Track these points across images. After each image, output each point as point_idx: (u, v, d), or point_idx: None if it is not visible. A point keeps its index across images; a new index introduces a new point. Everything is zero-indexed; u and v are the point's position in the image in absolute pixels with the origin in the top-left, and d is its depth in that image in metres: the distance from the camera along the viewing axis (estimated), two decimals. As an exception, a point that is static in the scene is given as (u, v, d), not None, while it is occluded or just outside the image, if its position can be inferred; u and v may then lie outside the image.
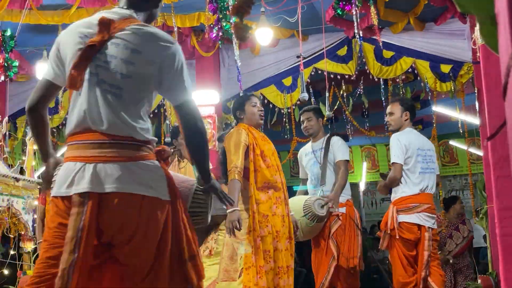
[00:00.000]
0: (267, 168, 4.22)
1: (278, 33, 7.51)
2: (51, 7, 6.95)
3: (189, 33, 7.76)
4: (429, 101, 9.14)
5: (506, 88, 0.87)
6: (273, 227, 4.12)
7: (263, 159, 4.24)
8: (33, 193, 5.35)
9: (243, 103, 4.42)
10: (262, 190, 4.17)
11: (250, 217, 4.08)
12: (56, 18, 7.01)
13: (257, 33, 6.58)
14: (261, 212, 4.11)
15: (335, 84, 8.71)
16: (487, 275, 6.03)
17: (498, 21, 0.89)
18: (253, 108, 4.40)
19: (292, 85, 8.23)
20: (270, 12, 6.73)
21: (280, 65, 8.25)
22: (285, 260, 4.15)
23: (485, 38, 0.97)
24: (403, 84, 8.85)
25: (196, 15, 7.26)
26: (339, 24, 7.07)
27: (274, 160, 4.33)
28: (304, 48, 7.46)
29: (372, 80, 8.11)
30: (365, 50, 7.82)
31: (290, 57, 8.09)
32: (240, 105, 4.44)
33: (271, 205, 4.16)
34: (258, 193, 4.16)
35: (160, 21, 7.37)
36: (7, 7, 6.50)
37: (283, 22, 7.02)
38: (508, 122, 0.88)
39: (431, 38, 7.54)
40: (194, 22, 7.28)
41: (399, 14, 7.21)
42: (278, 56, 8.17)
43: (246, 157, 4.21)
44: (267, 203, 4.15)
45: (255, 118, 4.40)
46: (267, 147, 4.35)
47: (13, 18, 6.92)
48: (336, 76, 8.12)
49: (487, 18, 0.92)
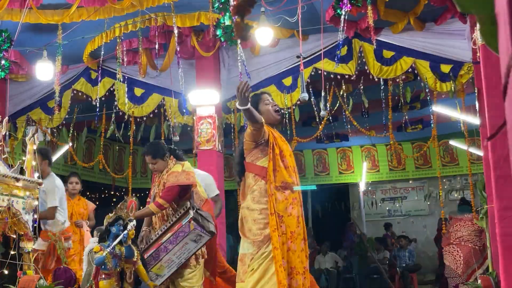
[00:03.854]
0: (285, 169, 4.22)
1: (278, 33, 7.51)
2: (51, 6, 6.95)
3: (189, 33, 7.75)
4: (429, 101, 9.14)
5: (506, 88, 0.87)
6: (287, 227, 4.11)
7: (281, 159, 4.24)
8: (33, 193, 5.34)
9: (257, 103, 4.36)
10: (279, 190, 4.16)
11: (273, 216, 4.06)
12: (56, 17, 7.00)
13: (257, 33, 6.59)
14: (276, 212, 4.10)
15: (335, 84, 8.71)
16: (487, 275, 6.02)
17: (498, 21, 0.88)
18: (267, 106, 4.39)
19: (292, 85, 8.23)
20: (270, 12, 6.73)
21: (280, 65, 8.24)
22: (300, 261, 4.13)
23: (485, 38, 0.96)
24: (403, 84, 8.85)
25: (196, 15, 7.26)
26: (339, 24, 7.07)
27: (291, 161, 4.32)
28: (304, 48, 7.46)
29: (372, 80, 8.11)
30: (365, 50, 7.81)
31: (290, 57, 8.09)
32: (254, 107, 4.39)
33: (287, 206, 4.14)
34: (276, 192, 4.15)
35: (160, 21, 7.37)
36: (7, 6, 6.49)
37: (283, 22, 7.02)
38: (508, 122, 0.88)
39: (431, 38, 7.54)
40: (194, 22, 7.27)
41: (399, 14, 7.20)
42: (278, 56, 8.17)
43: (264, 155, 4.21)
44: (283, 203, 4.13)
45: (272, 115, 4.37)
46: (285, 148, 4.34)
47: (13, 18, 6.92)
48: (336, 76, 8.12)
49: (487, 18, 0.92)
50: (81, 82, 9.07)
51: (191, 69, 8.42)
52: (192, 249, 5.07)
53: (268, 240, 4.06)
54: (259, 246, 4.08)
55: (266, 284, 3.99)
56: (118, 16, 7.02)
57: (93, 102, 8.84)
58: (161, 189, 5.33)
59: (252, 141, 4.24)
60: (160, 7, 6.94)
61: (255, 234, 4.09)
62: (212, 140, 8.02)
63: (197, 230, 5.00)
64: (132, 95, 8.81)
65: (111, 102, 8.90)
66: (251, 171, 4.27)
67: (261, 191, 4.17)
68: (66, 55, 7.85)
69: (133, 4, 6.60)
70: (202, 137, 8.05)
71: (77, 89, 9.08)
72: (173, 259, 5.04)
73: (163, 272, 5.05)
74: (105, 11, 6.89)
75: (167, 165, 5.38)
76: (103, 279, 4.49)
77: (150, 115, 9.17)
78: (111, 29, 7.54)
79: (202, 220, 5.07)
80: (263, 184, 4.17)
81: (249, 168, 4.30)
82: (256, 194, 4.18)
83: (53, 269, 5.76)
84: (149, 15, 7.34)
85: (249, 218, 4.17)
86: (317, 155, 14.12)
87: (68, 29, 7.43)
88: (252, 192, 4.20)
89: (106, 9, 6.86)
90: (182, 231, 4.98)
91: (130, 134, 9.36)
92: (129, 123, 9.32)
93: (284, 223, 4.11)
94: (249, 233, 4.12)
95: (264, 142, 4.23)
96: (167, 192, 5.18)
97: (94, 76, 8.90)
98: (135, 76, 8.61)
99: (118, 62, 7.77)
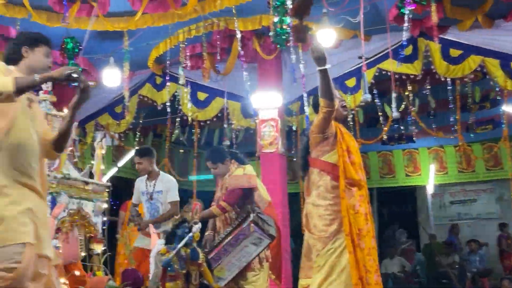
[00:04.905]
0: (351, 165, 4.16)
1: (341, 34, 7.43)
2: (117, 14, 7.12)
3: (251, 36, 7.78)
4: (500, 100, 8.83)
5: None
6: (354, 225, 4.04)
7: (348, 155, 4.18)
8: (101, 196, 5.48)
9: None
10: (345, 187, 4.10)
11: (347, 214, 4.01)
12: (122, 24, 7.18)
13: (318, 34, 6.53)
14: (349, 212, 4.05)
15: (400, 84, 8.54)
16: None
17: None
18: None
19: (356, 86, 8.12)
20: (332, 13, 6.65)
21: (343, 67, 8.15)
22: (370, 258, 4.04)
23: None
24: (471, 83, 8.58)
25: (258, 18, 7.27)
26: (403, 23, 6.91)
27: (358, 157, 4.26)
28: (367, 49, 7.35)
29: (439, 79, 7.90)
30: (431, 49, 7.62)
31: (353, 58, 7.98)
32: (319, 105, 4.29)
33: (354, 203, 4.08)
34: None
35: (222, 25, 7.43)
36: (75, 15, 6.70)
37: (346, 22, 6.93)
38: None
39: (501, 35, 7.28)
40: (256, 25, 7.29)
41: (466, 11, 7.00)
42: (340, 57, 8.06)
43: (330, 150, 4.17)
44: (350, 201, 4.07)
45: (338, 112, 4.31)
46: (352, 144, 4.29)
47: (81, 26, 7.14)
48: (401, 76, 7.95)
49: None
50: (146, 87, 9.27)
51: (253, 72, 8.44)
52: (253, 252, 5.08)
53: (334, 236, 4.02)
54: (325, 242, 4.04)
55: (334, 281, 3.96)
56: (181, 21, 7.13)
57: (158, 107, 9.02)
58: (223, 193, 5.37)
59: (320, 133, 4.18)
60: (222, 12, 6.99)
61: (321, 230, 4.07)
62: (275, 142, 8.00)
63: (257, 233, 5.00)
64: (196, 100, 8.93)
65: (175, 107, 9.05)
66: (316, 166, 4.23)
67: (327, 187, 4.13)
68: (132, 61, 8.04)
69: (196, 10, 6.69)
70: (264, 140, 8.05)
71: (143, 94, 9.28)
72: (233, 261, 5.06)
73: (225, 274, 5.08)
74: (169, 17, 7.01)
75: (229, 169, 5.43)
76: (170, 281, 4.55)
77: (213, 119, 9.26)
78: (175, 34, 7.67)
79: (262, 223, 5.07)
80: (328, 180, 4.13)
81: (314, 164, 4.26)
82: (322, 190, 4.14)
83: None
84: (211, 20, 7.41)
85: (315, 214, 4.14)
86: (382, 157, 13.86)
87: (133, 36, 7.60)
88: (318, 188, 4.17)
89: (169, 15, 6.97)
90: (242, 234, 5.00)
91: (194, 138, 9.48)
92: (193, 127, 9.44)
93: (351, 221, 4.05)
94: (314, 229, 4.10)
95: (331, 137, 4.18)
96: (229, 195, 5.24)
97: (159, 81, 9.08)
98: (198, 80, 8.72)
99: (182, 67, 7.89)
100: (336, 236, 4.04)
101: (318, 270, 4.03)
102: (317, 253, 4.06)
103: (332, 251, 4.02)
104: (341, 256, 4.00)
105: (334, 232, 4.04)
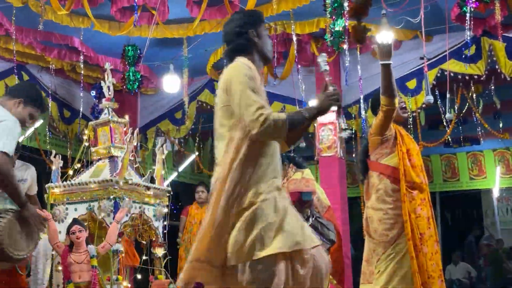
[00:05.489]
0: (412, 168, 4.09)
1: (401, 34, 7.31)
2: (176, 21, 7.24)
3: (308, 40, 7.75)
4: None
5: None
6: (416, 229, 3.97)
7: (408, 158, 4.12)
8: (162, 201, 5.57)
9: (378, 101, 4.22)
10: (406, 190, 4.03)
11: (408, 218, 3.94)
12: (181, 31, 7.29)
13: (378, 36, 6.42)
14: (410, 215, 3.98)
15: (463, 85, 8.31)
16: None
17: None
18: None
19: (417, 87, 7.95)
20: (392, 14, 6.53)
21: (404, 68, 7.99)
22: (433, 263, 3.96)
23: None
24: (540, 82, 8.25)
25: (315, 21, 7.22)
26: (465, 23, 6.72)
27: (418, 159, 4.19)
28: (428, 49, 7.20)
29: (504, 79, 7.64)
30: (495, 48, 7.37)
31: (413, 59, 7.81)
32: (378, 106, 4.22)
33: (415, 207, 4.01)
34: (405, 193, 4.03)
35: (279, 29, 7.42)
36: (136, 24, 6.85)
37: (406, 23, 6.80)
38: None
39: None
40: (313, 28, 7.25)
41: (533, 8, 6.73)
42: (401, 58, 7.90)
43: (389, 153, 4.10)
44: (411, 204, 4.00)
45: (398, 113, 4.24)
46: (412, 146, 4.22)
47: (141, 33, 7.30)
48: (464, 77, 7.73)
49: None
50: (205, 93, 9.37)
51: (310, 75, 8.39)
52: None
53: (395, 241, 3.96)
54: (385, 247, 3.99)
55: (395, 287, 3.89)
56: (239, 27, 7.15)
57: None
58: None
59: (379, 134, 4.12)
60: (279, 15, 6.99)
61: (381, 234, 4.01)
62: (334, 146, 7.92)
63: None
64: (254, 104, 8.93)
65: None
66: (376, 169, 4.18)
67: (387, 190, 4.07)
68: (191, 67, 8.14)
69: (253, 14, 6.70)
70: (323, 144, 7.99)
71: (202, 100, 9.38)
72: None
73: None
74: (227, 23, 7.06)
75: (287, 173, 5.40)
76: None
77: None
78: (233, 40, 7.70)
79: (321, 227, 5.03)
80: (388, 183, 4.08)
81: (373, 167, 4.21)
82: (381, 193, 4.08)
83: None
84: (268, 24, 7.41)
85: (375, 218, 4.09)
86: (446, 160, 13.51)
87: (192, 42, 7.70)
88: (377, 191, 4.11)
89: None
90: None
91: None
92: (251, 132, 9.45)
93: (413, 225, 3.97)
94: (374, 234, 4.05)
95: (390, 139, 4.11)
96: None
97: (217, 87, 9.14)
98: (256, 85, 8.72)
99: (240, 72, 7.92)
100: (397, 241, 3.97)
101: (379, 275, 3.97)
102: (378, 258, 4.01)
103: (392, 256, 3.96)
104: (402, 261, 3.92)
105: (395, 237, 3.97)
